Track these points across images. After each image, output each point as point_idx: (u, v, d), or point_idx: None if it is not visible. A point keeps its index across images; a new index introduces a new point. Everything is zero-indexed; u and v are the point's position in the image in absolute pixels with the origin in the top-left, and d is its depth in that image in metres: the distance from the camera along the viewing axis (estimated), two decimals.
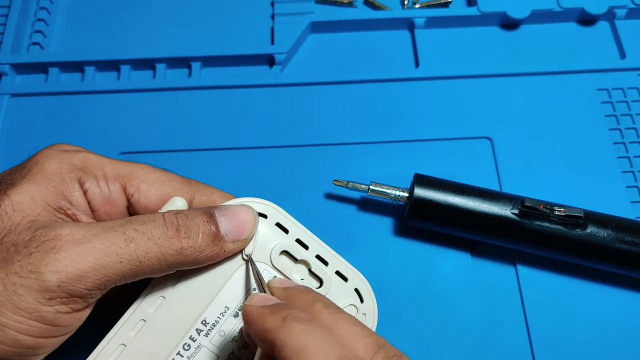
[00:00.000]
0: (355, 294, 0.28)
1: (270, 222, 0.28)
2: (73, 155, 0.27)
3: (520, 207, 0.32)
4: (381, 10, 0.43)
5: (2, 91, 0.40)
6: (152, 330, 0.26)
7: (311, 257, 0.28)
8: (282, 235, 0.28)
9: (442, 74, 0.40)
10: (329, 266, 0.28)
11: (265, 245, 0.28)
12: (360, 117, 0.39)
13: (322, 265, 0.28)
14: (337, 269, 0.28)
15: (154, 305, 0.26)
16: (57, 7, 0.44)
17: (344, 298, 0.28)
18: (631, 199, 0.36)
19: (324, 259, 0.28)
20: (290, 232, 0.28)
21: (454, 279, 0.34)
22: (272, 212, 0.28)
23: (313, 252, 0.28)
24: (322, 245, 0.28)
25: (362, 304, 0.28)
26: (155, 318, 0.26)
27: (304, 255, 0.28)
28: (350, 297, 0.28)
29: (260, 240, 0.28)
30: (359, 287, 0.28)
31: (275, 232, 0.28)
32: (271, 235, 0.28)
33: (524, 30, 0.42)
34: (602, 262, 0.32)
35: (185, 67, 0.41)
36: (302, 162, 0.37)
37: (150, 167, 0.28)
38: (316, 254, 0.28)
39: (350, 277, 0.28)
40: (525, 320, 0.33)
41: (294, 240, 0.28)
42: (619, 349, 0.32)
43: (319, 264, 0.28)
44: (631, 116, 0.39)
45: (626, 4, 0.41)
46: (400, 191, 0.34)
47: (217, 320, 0.27)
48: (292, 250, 0.28)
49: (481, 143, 0.38)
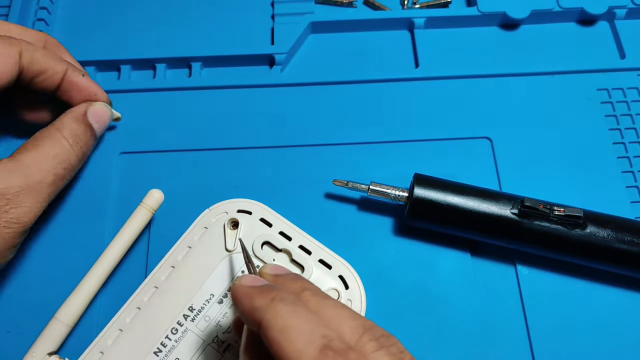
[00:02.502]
0: (340, 280, 0.29)
1: (255, 217, 0.31)
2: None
3: (519, 207, 0.32)
4: (381, 10, 0.43)
5: None
6: (145, 317, 0.29)
7: (294, 247, 0.30)
8: (265, 228, 0.30)
9: (442, 74, 0.40)
10: (311, 255, 0.30)
11: (248, 237, 0.30)
12: (360, 117, 0.39)
13: (304, 254, 0.30)
14: (320, 258, 0.30)
15: (147, 294, 0.30)
16: (57, 7, 0.44)
17: (327, 284, 0.29)
18: (631, 199, 0.36)
19: (307, 248, 0.30)
20: (274, 226, 0.30)
21: (454, 279, 0.34)
22: (256, 208, 0.31)
23: (296, 243, 0.30)
24: (306, 237, 0.30)
25: (347, 290, 0.29)
26: (149, 306, 0.30)
27: (285, 245, 0.30)
28: (334, 282, 0.29)
29: (243, 233, 0.30)
30: (343, 273, 0.29)
31: (259, 226, 0.30)
32: (255, 229, 0.30)
33: (524, 30, 0.42)
34: (602, 262, 0.32)
35: (185, 67, 0.41)
36: (302, 162, 0.37)
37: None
38: (299, 245, 0.30)
39: (334, 264, 0.30)
40: (524, 320, 0.33)
41: (277, 233, 0.30)
42: (619, 349, 0.32)
43: (300, 253, 0.30)
44: (631, 116, 0.39)
45: (626, 4, 0.41)
46: (400, 191, 0.34)
47: (202, 306, 0.29)
48: (273, 241, 0.30)
49: (481, 143, 0.38)
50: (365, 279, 0.34)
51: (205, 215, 0.31)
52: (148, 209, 0.32)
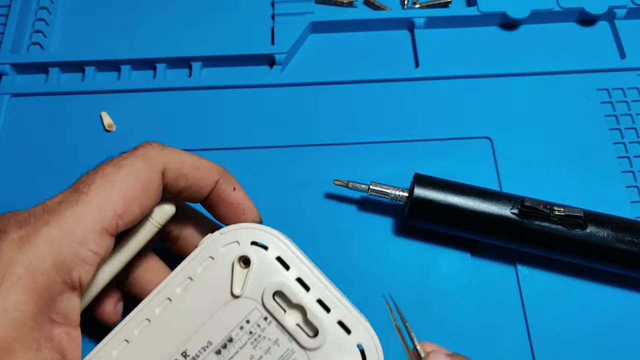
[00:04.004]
0: (358, 351, 0.24)
1: (271, 254, 0.25)
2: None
3: (520, 207, 0.32)
4: (381, 10, 0.43)
5: (2, 91, 0.40)
6: (133, 354, 0.25)
7: (311, 301, 0.25)
8: (281, 271, 0.25)
9: (442, 74, 0.40)
10: (330, 313, 0.24)
11: (259, 281, 0.25)
12: (360, 117, 0.39)
13: (322, 312, 0.24)
14: (340, 319, 0.24)
15: (138, 327, 0.25)
16: (57, 7, 0.44)
17: (342, 354, 0.24)
18: (631, 198, 0.36)
19: (326, 304, 0.25)
20: (292, 269, 0.25)
21: (454, 279, 0.34)
22: (274, 243, 0.25)
23: (315, 295, 0.25)
24: (327, 287, 0.25)
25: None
26: (138, 342, 0.25)
27: (300, 298, 0.24)
28: (350, 354, 0.24)
29: (254, 275, 0.25)
30: (364, 342, 0.24)
31: (274, 267, 0.25)
32: (268, 271, 0.25)
33: (524, 30, 0.42)
34: (602, 262, 0.32)
35: (186, 67, 0.41)
36: (302, 162, 0.37)
37: (106, 174, 0.25)
38: (318, 298, 0.25)
39: (354, 329, 0.24)
40: (525, 320, 0.33)
41: (294, 279, 0.25)
42: (619, 349, 0.32)
43: (317, 311, 0.24)
44: (631, 116, 0.39)
45: (626, 3, 0.41)
46: (400, 191, 0.34)
47: (197, 354, 0.25)
48: (287, 292, 0.24)
49: (481, 143, 0.38)
50: (364, 279, 0.34)
51: (213, 241, 0.26)
52: (154, 224, 0.27)
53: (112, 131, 0.39)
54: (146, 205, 0.25)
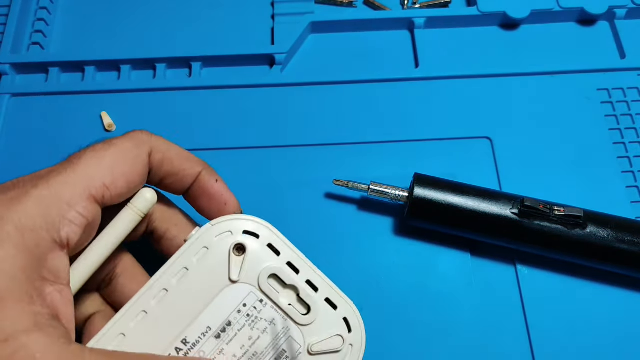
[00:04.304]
0: (344, 323, 0.27)
1: (262, 242, 0.27)
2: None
3: (520, 207, 0.32)
4: (381, 10, 0.43)
5: (2, 91, 0.40)
6: (131, 346, 0.25)
7: (301, 282, 0.27)
8: (272, 257, 0.27)
9: (442, 74, 0.40)
10: (318, 292, 0.27)
11: (254, 266, 0.27)
12: (360, 117, 0.39)
13: (312, 292, 0.27)
14: (327, 296, 0.27)
15: (134, 319, 0.26)
16: (57, 7, 0.44)
17: (331, 327, 0.27)
18: (631, 198, 0.36)
19: (314, 284, 0.27)
20: (282, 255, 0.27)
21: (454, 279, 0.34)
22: (265, 232, 0.27)
23: (303, 277, 0.27)
24: (313, 269, 0.27)
25: (350, 333, 0.27)
26: (135, 333, 0.26)
27: (293, 280, 0.27)
28: (338, 327, 0.27)
29: (249, 261, 0.27)
30: (348, 316, 0.27)
31: (266, 253, 0.27)
32: (261, 257, 0.27)
33: (524, 30, 0.42)
34: (602, 262, 0.32)
35: (186, 67, 0.41)
36: (302, 162, 0.37)
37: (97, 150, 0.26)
38: (307, 279, 0.27)
39: (340, 304, 0.27)
40: (525, 320, 0.33)
41: (285, 263, 0.27)
42: (619, 349, 0.32)
43: (308, 290, 0.27)
44: (631, 116, 0.39)
45: (626, 3, 0.41)
46: (400, 191, 0.34)
47: (197, 340, 0.26)
48: (281, 274, 0.27)
49: (481, 143, 0.38)
50: (364, 278, 0.34)
51: (206, 232, 0.27)
52: (135, 212, 0.27)
53: (112, 131, 0.39)
54: (132, 181, 0.26)
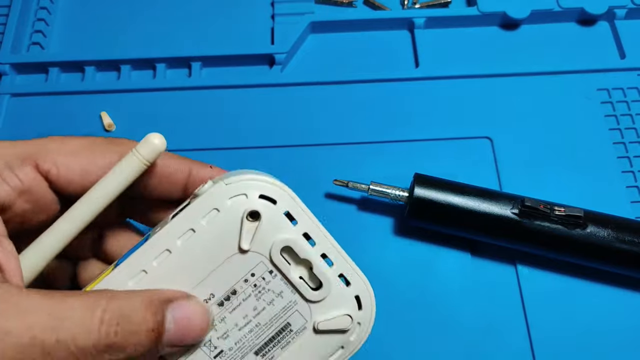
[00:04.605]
0: (355, 301, 0.25)
1: (279, 209, 0.24)
2: None
3: (520, 207, 0.32)
4: (381, 10, 0.43)
5: (2, 91, 0.40)
6: None
7: (316, 255, 0.25)
8: (288, 226, 0.25)
9: (442, 74, 0.40)
10: (333, 267, 0.25)
11: (267, 236, 0.24)
12: (360, 117, 0.39)
13: (325, 267, 0.25)
14: (341, 272, 0.25)
15: (134, 278, 0.24)
16: (57, 7, 0.44)
17: (342, 306, 0.25)
18: (631, 198, 0.36)
19: (330, 258, 0.25)
20: (299, 224, 0.25)
21: (454, 279, 0.34)
22: (283, 197, 0.25)
23: (319, 250, 0.25)
24: (331, 241, 0.25)
25: (360, 311, 0.25)
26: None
27: (307, 253, 0.25)
28: (349, 305, 0.25)
29: (262, 230, 0.24)
30: (360, 293, 0.25)
31: (282, 221, 0.24)
32: (277, 225, 0.24)
33: (524, 30, 0.42)
34: (602, 262, 0.32)
35: (185, 67, 0.41)
36: (302, 162, 0.37)
37: (66, 137, 0.24)
38: (322, 252, 0.25)
39: (353, 281, 0.25)
40: (525, 320, 0.33)
41: (301, 234, 0.25)
42: (619, 349, 0.32)
43: (322, 266, 0.25)
44: (631, 116, 0.39)
45: (626, 4, 0.41)
46: (400, 191, 0.34)
47: None
48: (296, 247, 0.24)
49: (481, 143, 0.38)
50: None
51: (218, 191, 0.24)
52: (139, 158, 0.24)
53: (111, 131, 0.39)
54: (88, 170, 0.24)
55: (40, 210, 0.24)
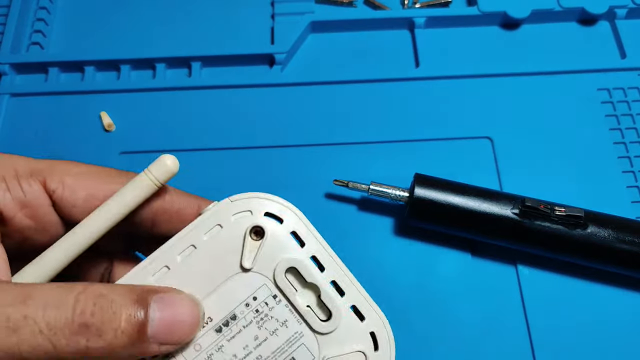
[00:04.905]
0: (370, 338, 0.23)
1: (285, 228, 0.23)
2: None
3: (520, 207, 0.32)
4: (381, 10, 0.43)
5: (2, 91, 0.40)
6: None
7: (325, 282, 0.23)
8: (295, 247, 0.23)
9: (442, 73, 0.40)
10: (344, 297, 0.23)
11: (272, 255, 0.23)
12: (360, 117, 0.39)
13: (336, 295, 0.23)
14: (354, 303, 0.23)
15: None
16: (57, 7, 0.44)
17: (354, 341, 0.22)
18: (631, 198, 0.36)
19: (340, 287, 0.23)
20: (307, 246, 0.23)
21: (455, 279, 0.34)
22: (290, 217, 0.23)
23: (329, 276, 0.23)
24: (342, 268, 0.23)
25: (376, 352, 0.23)
26: None
27: (315, 278, 0.23)
28: (363, 341, 0.23)
29: (266, 248, 0.23)
30: (376, 330, 0.23)
31: (289, 242, 0.23)
32: (282, 245, 0.23)
33: (524, 30, 0.42)
34: (603, 262, 0.32)
35: (185, 67, 0.41)
36: (302, 162, 0.37)
37: (79, 162, 0.24)
38: (332, 279, 0.23)
39: (368, 315, 0.23)
40: (525, 320, 0.33)
41: (309, 257, 0.23)
42: (619, 349, 0.32)
43: (332, 293, 0.23)
44: (632, 116, 0.39)
45: (627, 3, 0.41)
46: (400, 191, 0.33)
47: None
48: (302, 270, 0.23)
49: (481, 143, 0.38)
50: (365, 279, 0.34)
51: (222, 208, 0.23)
52: (150, 178, 0.24)
53: (111, 131, 0.39)
54: (93, 195, 0.23)
55: (42, 230, 0.23)
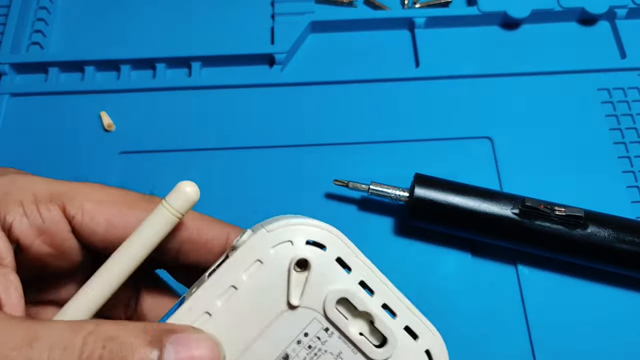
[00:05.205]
0: (426, 356, 0.22)
1: (330, 256, 0.22)
2: None
3: (520, 207, 0.32)
4: (381, 10, 0.43)
5: (2, 91, 0.40)
6: None
7: (376, 307, 0.22)
8: (342, 274, 0.22)
9: (442, 73, 0.40)
10: (397, 319, 0.22)
11: (319, 287, 0.21)
12: (360, 117, 0.39)
13: (388, 319, 0.22)
14: (406, 324, 0.22)
15: None
16: (57, 7, 0.44)
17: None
18: (631, 198, 0.36)
19: (392, 309, 0.22)
20: (354, 271, 0.22)
21: (455, 279, 0.34)
22: (333, 241, 0.22)
23: (379, 300, 0.22)
24: (391, 289, 0.23)
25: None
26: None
27: (366, 305, 0.21)
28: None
29: (313, 281, 0.21)
30: (431, 347, 0.22)
31: (335, 269, 0.22)
32: (329, 274, 0.21)
33: (524, 30, 0.42)
34: (603, 262, 0.32)
35: (185, 67, 0.41)
36: (302, 162, 0.37)
37: (101, 185, 0.23)
38: (383, 303, 0.22)
39: (422, 334, 0.22)
40: (525, 320, 0.33)
41: (357, 283, 0.22)
42: (619, 349, 0.32)
43: (384, 318, 0.22)
44: (632, 116, 0.39)
45: (627, 3, 0.41)
46: (400, 191, 0.33)
47: None
48: (353, 299, 0.21)
49: (481, 143, 0.38)
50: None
51: (259, 240, 0.21)
52: (169, 210, 0.22)
53: (111, 131, 0.39)
54: (114, 223, 0.22)
55: (62, 257, 0.22)
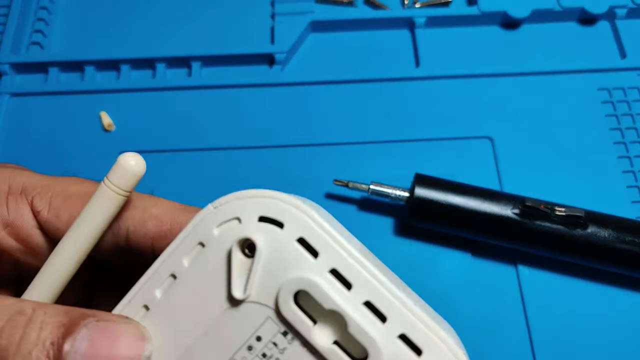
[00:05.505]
0: None
1: (288, 235, 0.16)
2: None
3: (521, 207, 0.32)
4: (381, 9, 0.43)
5: (2, 91, 0.40)
6: None
7: (353, 305, 0.15)
8: (305, 260, 0.16)
9: (443, 73, 0.40)
10: (387, 323, 0.15)
11: (271, 276, 0.16)
12: (360, 117, 0.39)
13: (371, 324, 0.15)
14: (403, 331, 0.15)
15: None
16: (57, 7, 0.44)
17: None
18: (632, 198, 0.36)
19: (378, 309, 0.15)
20: (322, 256, 0.16)
21: (455, 279, 0.34)
22: (294, 216, 0.16)
23: (359, 296, 0.15)
24: (379, 279, 0.16)
25: None
26: None
27: (335, 301, 0.15)
28: None
29: (263, 269, 0.16)
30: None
31: (295, 253, 0.16)
32: (285, 259, 0.16)
33: (525, 29, 0.42)
34: (603, 262, 0.32)
35: (185, 66, 0.41)
36: (302, 162, 0.37)
37: (81, 180, 0.22)
38: (365, 300, 0.15)
39: (426, 345, 0.15)
40: (526, 320, 0.33)
41: (327, 271, 0.16)
42: (620, 349, 0.32)
43: (362, 321, 0.15)
44: (632, 116, 0.39)
45: (627, 3, 0.41)
46: (400, 191, 0.33)
47: None
48: (315, 292, 0.15)
49: (481, 143, 0.38)
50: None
51: (204, 219, 0.17)
52: (111, 188, 0.19)
53: (111, 131, 0.39)
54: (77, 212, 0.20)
55: (32, 253, 0.22)
